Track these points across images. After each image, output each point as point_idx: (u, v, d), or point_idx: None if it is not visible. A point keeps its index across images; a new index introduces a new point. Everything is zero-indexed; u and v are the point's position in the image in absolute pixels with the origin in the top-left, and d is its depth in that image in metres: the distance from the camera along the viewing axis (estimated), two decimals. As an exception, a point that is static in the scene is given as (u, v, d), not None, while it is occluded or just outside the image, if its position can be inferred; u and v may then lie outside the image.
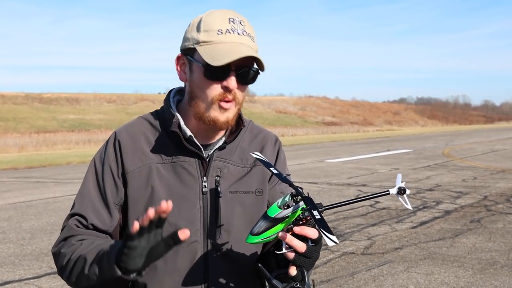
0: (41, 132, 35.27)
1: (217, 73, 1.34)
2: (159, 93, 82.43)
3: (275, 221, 1.20)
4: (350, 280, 4.98)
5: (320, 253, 1.53)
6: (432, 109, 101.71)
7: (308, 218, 1.20)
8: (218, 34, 1.35)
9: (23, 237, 6.82)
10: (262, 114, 61.17)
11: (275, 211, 1.20)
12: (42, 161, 18.08)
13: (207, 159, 1.45)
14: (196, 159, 1.44)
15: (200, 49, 1.35)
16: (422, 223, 7.39)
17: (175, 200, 1.39)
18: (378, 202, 9.02)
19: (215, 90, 1.36)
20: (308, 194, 1.21)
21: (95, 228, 1.41)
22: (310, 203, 1.16)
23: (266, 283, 1.30)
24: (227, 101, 1.37)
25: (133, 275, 1.19)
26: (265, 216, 1.21)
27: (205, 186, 1.43)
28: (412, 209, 1.36)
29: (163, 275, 1.42)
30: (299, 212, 1.19)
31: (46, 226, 7.43)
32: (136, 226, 1.14)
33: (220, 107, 1.37)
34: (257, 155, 1.20)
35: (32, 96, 52.07)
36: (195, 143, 1.42)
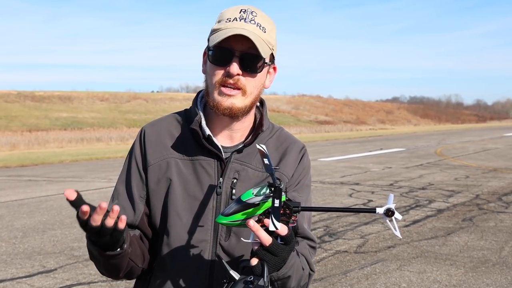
0: (33, 131, 35.05)
1: (219, 57, 1.39)
2: (152, 91, 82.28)
3: (246, 206, 1.18)
4: (343, 278, 5.00)
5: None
6: (425, 108, 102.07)
7: (287, 212, 1.17)
8: (226, 22, 1.39)
9: (15, 235, 6.79)
10: (255, 113, 61.05)
11: (248, 196, 1.18)
12: (34, 160, 17.98)
13: (226, 161, 1.46)
14: (215, 160, 1.46)
15: (210, 37, 1.41)
16: (415, 222, 7.42)
17: (189, 197, 1.44)
18: (371, 200, 9.06)
19: (218, 75, 1.39)
20: (286, 189, 1.18)
21: None
22: (277, 192, 1.14)
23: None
24: (229, 87, 1.39)
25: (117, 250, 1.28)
26: (238, 200, 1.19)
27: (219, 187, 1.44)
28: (400, 236, 1.26)
29: (170, 269, 1.44)
30: (270, 203, 1.17)
31: (38, 224, 7.40)
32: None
33: (221, 92, 1.39)
34: (261, 146, 1.20)
35: (24, 94, 51.75)
36: (214, 143, 1.44)
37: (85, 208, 1.14)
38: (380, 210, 1.17)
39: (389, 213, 1.16)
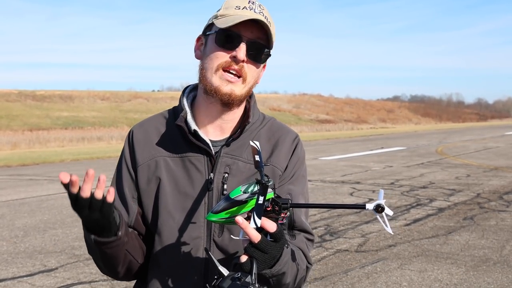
0: (34, 130, 35.07)
1: (228, 40, 1.37)
2: (153, 90, 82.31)
3: (234, 203, 1.17)
4: (344, 277, 4.99)
5: (314, 250, 1.52)
6: (426, 107, 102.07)
7: (276, 209, 1.17)
8: (235, 9, 1.39)
9: (16, 235, 6.80)
10: (256, 112, 61.08)
11: (236, 193, 1.18)
12: (35, 159, 17.99)
13: (215, 155, 1.45)
14: (205, 155, 1.44)
15: (216, 21, 1.40)
16: (416, 221, 7.42)
17: (180, 195, 1.43)
18: (372, 199, 9.05)
19: (223, 57, 1.38)
20: (274, 185, 1.18)
21: None
22: (262, 189, 1.13)
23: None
24: (232, 73, 1.38)
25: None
26: (227, 197, 1.19)
27: (211, 183, 1.42)
28: (392, 232, 1.25)
29: (164, 268, 1.44)
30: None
31: (39, 223, 7.40)
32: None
33: (222, 77, 1.38)
34: (254, 143, 1.18)
35: (25, 93, 51.79)
36: (202, 138, 1.43)
37: (74, 177, 1.15)
38: (370, 206, 1.16)
39: (379, 209, 1.15)
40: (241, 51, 1.36)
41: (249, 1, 1.41)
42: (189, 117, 1.44)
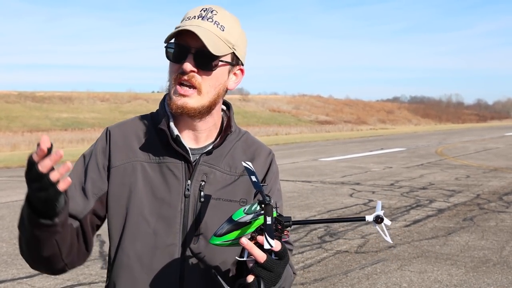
0: (34, 131, 35.08)
1: (174, 54, 1.38)
2: (153, 91, 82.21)
3: (238, 225, 1.18)
4: (344, 278, 5.00)
5: (314, 251, 1.53)
6: (426, 108, 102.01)
7: (279, 227, 1.19)
8: (186, 20, 1.39)
9: (16, 236, 6.77)
10: (256, 113, 61.16)
11: (239, 215, 1.19)
12: (35, 160, 17.96)
13: (194, 163, 1.44)
14: (183, 162, 1.43)
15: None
16: (415, 222, 7.42)
17: (157, 200, 1.41)
18: (372, 200, 9.05)
19: (175, 71, 1.38)
20: (276, 205, 1.20)
21: None
22: (268, 210, 1.15)
23: None
24: (185, 86, 1.36)
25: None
26: (229, 219, 1.20)
27: (188, 189, 1.42)
28: (391, 242, 1.29)
29: (138, 276, 1.41)
30: (261, 221, 1.18)
31: (39, 225, 7.40)
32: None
33: (176, 91, 1.37)
34: (246, 163, 1.20)
35: (25, 94, 51.79)
36: (183, 144, 1.42)
37: (45, 147, 1.09)
38: (370, 218, 1.21)
39: (378, 220, 1.21)
40: (186, 61, 1.35)
41: (203, 8, 1.39)
42: (172, 123, 1.43)
